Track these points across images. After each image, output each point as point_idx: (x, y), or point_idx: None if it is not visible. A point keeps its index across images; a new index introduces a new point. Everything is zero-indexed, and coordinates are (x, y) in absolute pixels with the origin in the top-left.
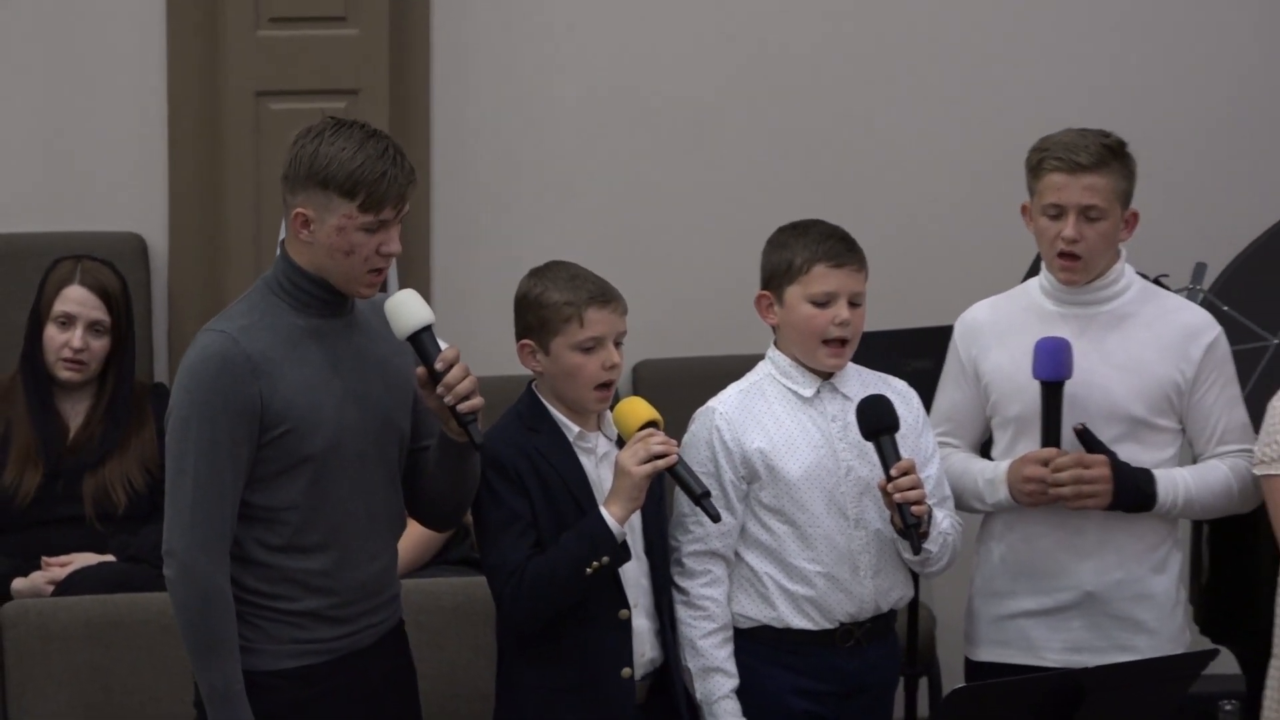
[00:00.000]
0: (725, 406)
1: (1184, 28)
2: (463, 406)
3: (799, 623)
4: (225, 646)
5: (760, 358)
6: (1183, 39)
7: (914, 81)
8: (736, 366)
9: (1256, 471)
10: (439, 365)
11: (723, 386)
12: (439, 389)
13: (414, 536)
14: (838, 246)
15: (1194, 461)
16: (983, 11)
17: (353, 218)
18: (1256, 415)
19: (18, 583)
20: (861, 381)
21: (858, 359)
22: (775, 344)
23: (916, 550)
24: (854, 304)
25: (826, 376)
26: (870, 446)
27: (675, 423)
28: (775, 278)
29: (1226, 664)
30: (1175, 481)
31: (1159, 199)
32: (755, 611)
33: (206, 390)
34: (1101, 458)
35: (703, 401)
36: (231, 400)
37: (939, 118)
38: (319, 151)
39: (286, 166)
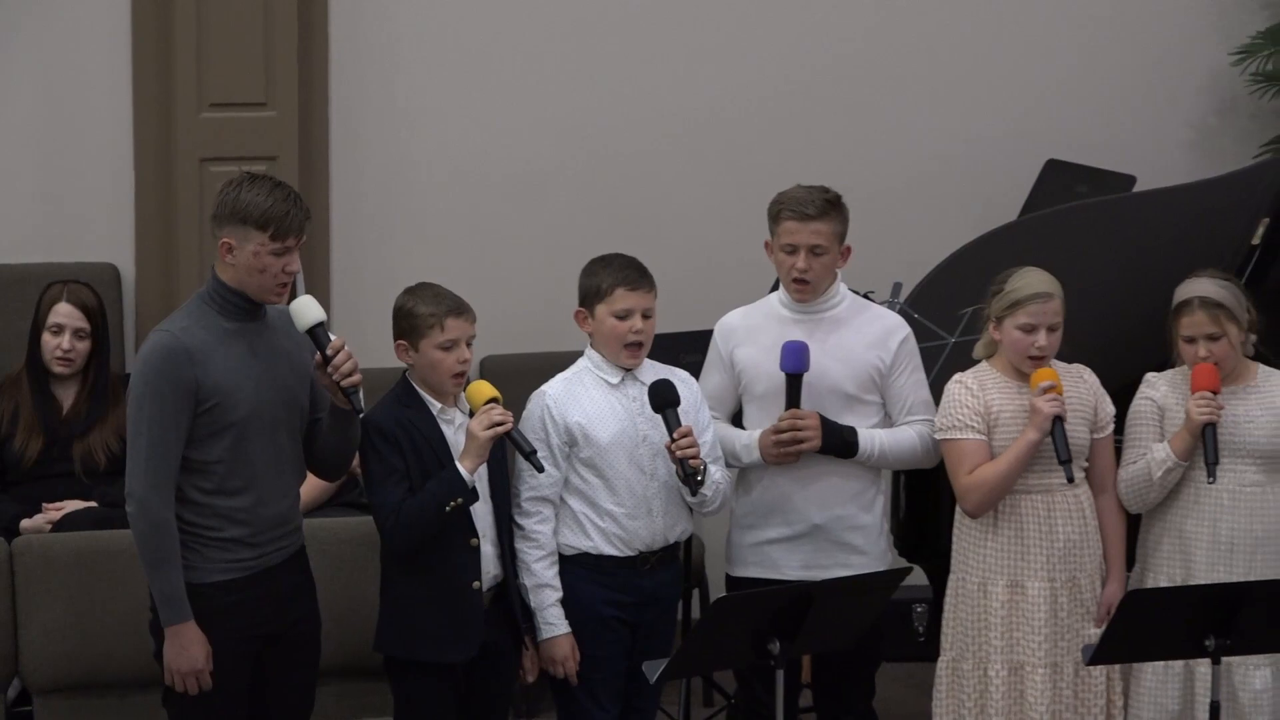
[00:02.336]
0: (553, 390)
1: (893, 106)
2: (346, 382)
3: (609, 550)
4: (170, 563)
5: (578, 354)
6: (886, 115)
7: (683, 158)
8: (560, 360)
9: (936, 436)
10: (330, 352)
11: (550, 375)
12: (329, 369)
13: (314, 485)
14: (633, 274)
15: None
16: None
17: (264, 245)
18: (938, 395)
19: (25, 523)
20: (654, 371)
21: (650, 354)
22: (590, 346)
23: (694, 494)
24: (646, 316)
25: (628, 369)
26: (659, 418)
27: (515, 402)
28: (588, 298)
29: (919, 577)
30: (873, 437)
31: (868, 236)
32: (576, 542)
33: (155, 374)
34: (814, 412)
35: (535, 387)
36: (174, 382)
37: (707, 183)
38: (239, 197)
39: (215, 208)
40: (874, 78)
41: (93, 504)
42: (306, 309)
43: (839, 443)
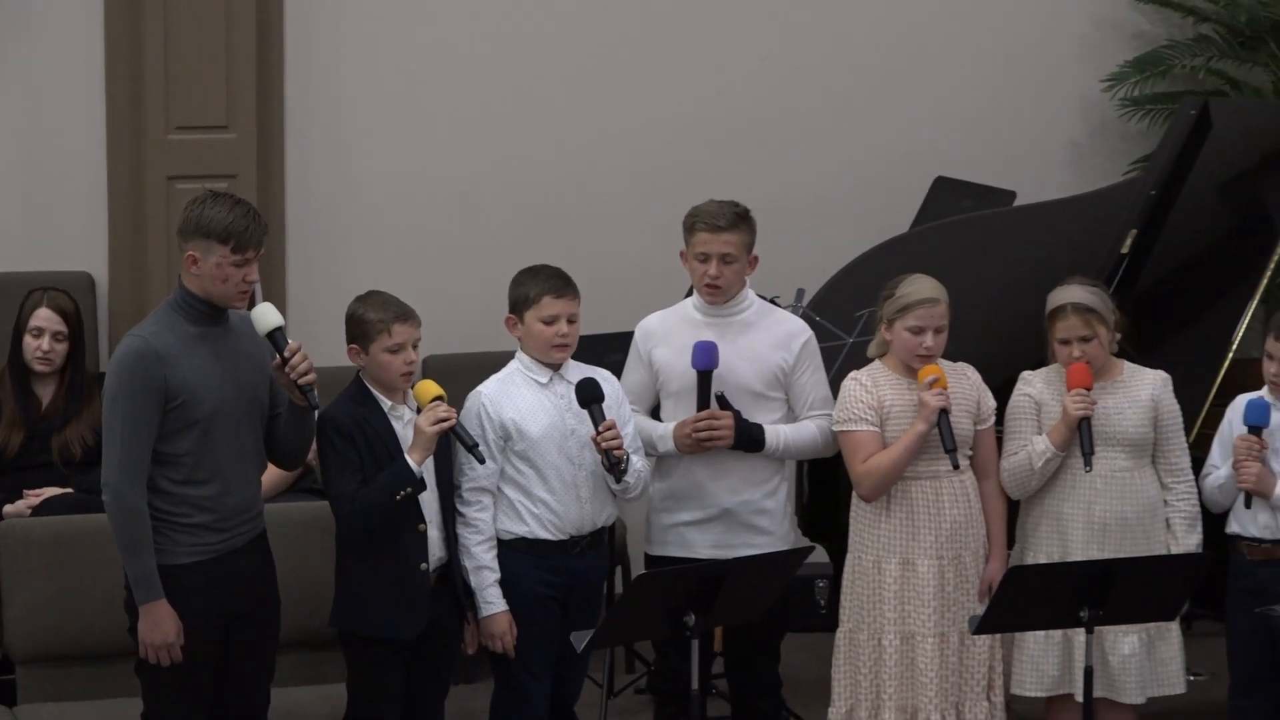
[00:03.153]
0: (488, 390)
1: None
2: (302, 380)
3: (543, 535)
4: (143, 546)
5: (512, 354)
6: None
7: (605, 177)
8: (495, 359)
9: (834, 429)
10: (287, 354)
11: (486, 374)
12: (287, 369)
13: (274, 475)
14: (559, 283)
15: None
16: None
17: (226, 257)
18: (838, 391)
19: (7, 508)
20: (580, 371)
21: (576, 355)
22: (520, 348)
23: (618, 481)
24: (570, 321)
25: (556, 368)
26: (586, 413)
27: (455, 397)
28: (517, 306)
29: (820, 556)
30: (778, 432)
31: (774, 247)
32: (513, 528)
33: (129, 375)
34: (729, 413)
35: (473, 384)
36: (145, 382)
37: (627, 199)
38: (203, 213)
39: (180, 224)
40: (779, 103)
41: (69, 490)
42: (266, 315)
43: (748, 440)
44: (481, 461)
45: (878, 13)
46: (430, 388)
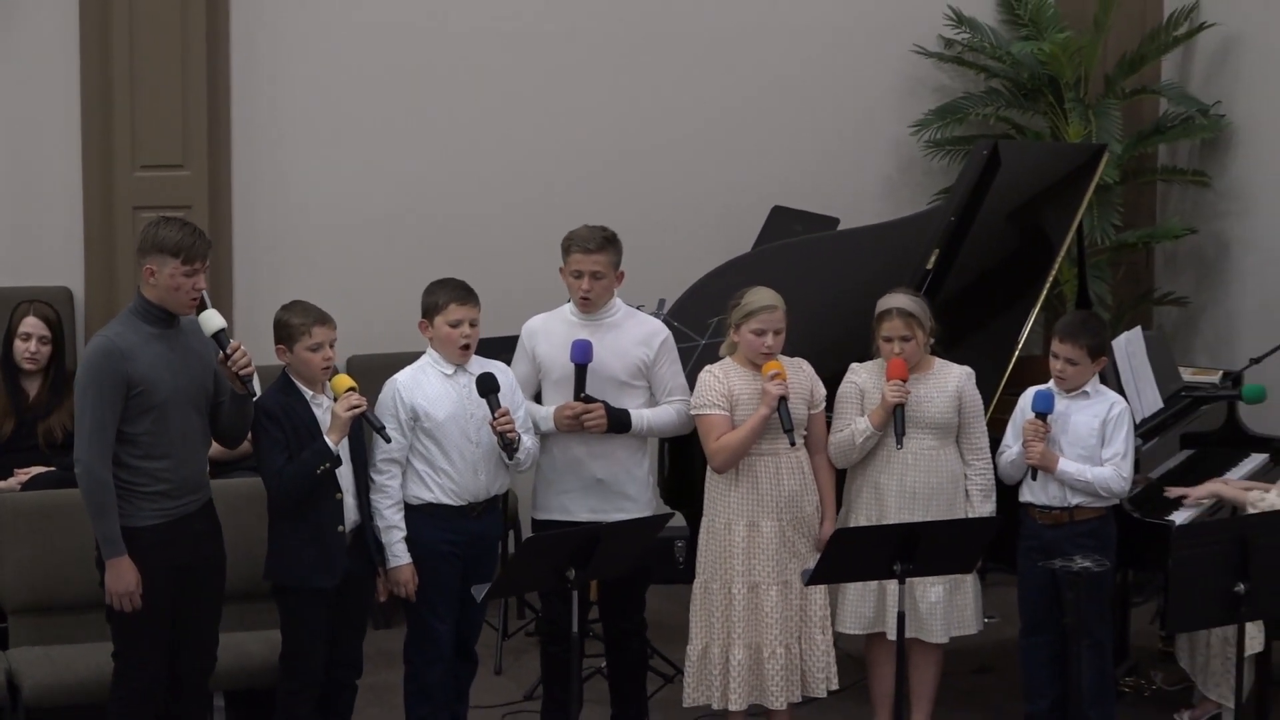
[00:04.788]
0: (402, 378)
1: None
2: (243, 373)
3: (446, 501)
4: (109, 511)
5: (422, 353)
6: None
7: (498, 205)
8: (407, 359)
9: (691, 413)
10: (230, 350)
11: (398, 369)
12: (230, 363)
13: (219, 453)
14: (463, 292)
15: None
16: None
17: (178, 269)
18: (693, 382)
19: (0, 484)
20: (480, 365)
21: (476, 351)
22: (430, 347)
23: (511, 458)
24: (473, 324)
25: (460, 363)
26: (484, 401)
27: (374, 390)
28: (429, 311)
29: (679, 520)
30: (642, 415)
31: (639, 262)
32: (421, 494)
33: (96, 369)
34: (599, 403)
35: (387, 377)
36: (110, 374)
37: (516, 223)
38: (157, 233)
39: (139, 243)
40: (644, 139)
41: (53, 469)
42: (211, 319)
43: (617, 423)
44: (388, 441)
45: (728, 68)
46: (345, 380)
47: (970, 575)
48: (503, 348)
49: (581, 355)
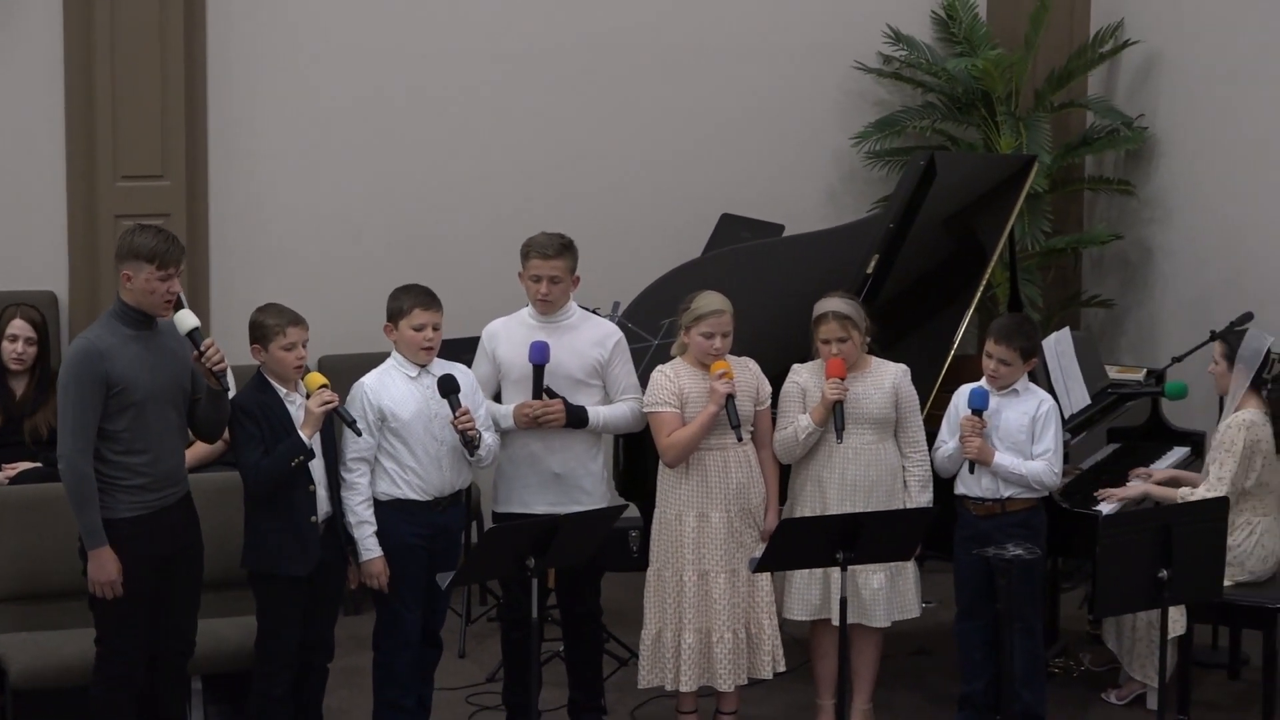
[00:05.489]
0: (369, 381)
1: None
2: (216, 369)
3: (412, 496)
4: (91, 504)
5: (387, 356)
6: (607, 177)
7: (460, 213)
8: (375, 359)
9: (644, 410)
10: (204, 348)
11: (367, 369)
12: (204, 361)
13: (201, 448)
14: (427, 298)
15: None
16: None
17: (154, 274)
18: (645, 381)
19: None
20: (442, 367)
21: (439, 354)
22: (395, 349)
23: (472, 455)
24: (435, 328)
25: (424, 365)
26: (446, 401)
27: (345, 387)
28: (393, 316)
29: (633, 511)
30: (598, 412)
31: (595, 267)
32: (389, 490)
33: (78, 368)
34: (559, 399)
35: (359, 377)
36: (91, 374)
37: (478, 230)
38: (134, 240)
39: (117, 250)
40: (599, 150)
41: (39, 464)
42: (185, 319)
43: (575, 419)
44: (359, 435)
45: (680, 84)
46: (317, 378)
47: (910, 562)
48: (464, 348)
49: (540, 356)
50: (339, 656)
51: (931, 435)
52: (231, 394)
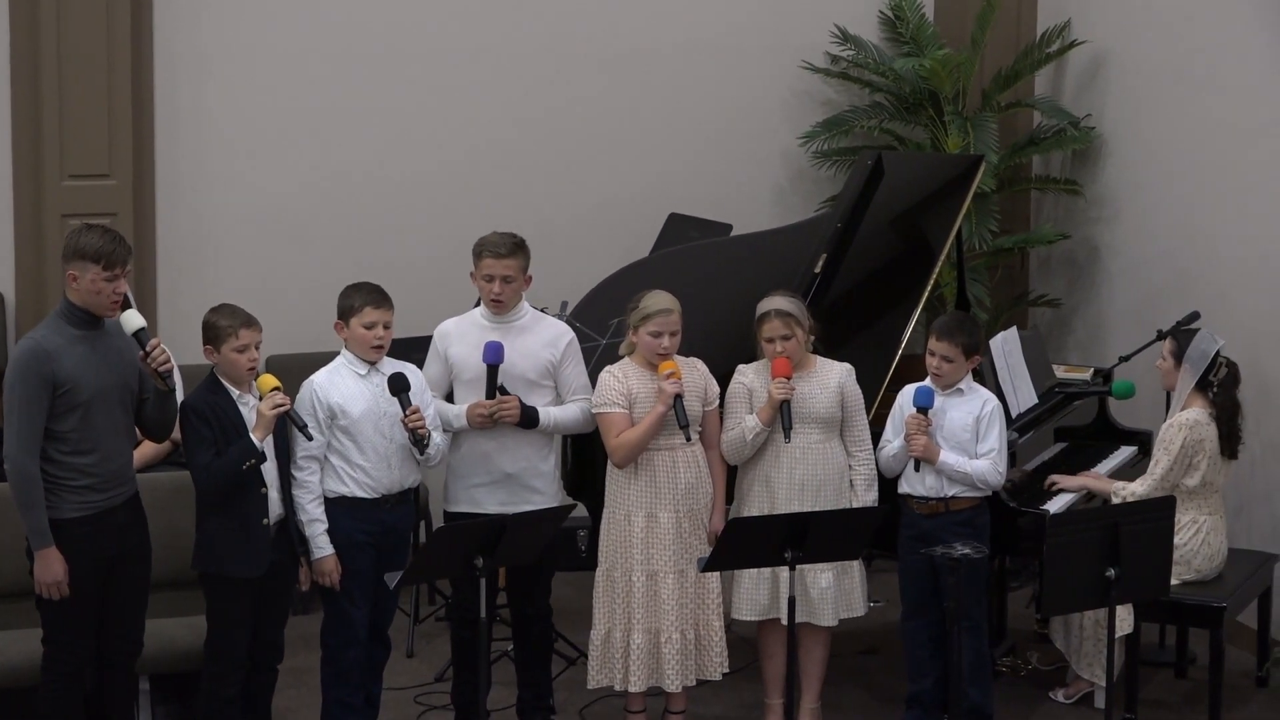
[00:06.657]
0: (319, 379)
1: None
2: (162, 369)
3: (361, 494)
4: (37, 504)
5: (337, 353)
6: (556, 177)
7: (413, 210)
8: (324, 358)
9: (593, 411)
10: (150, 348)
11: (317, 368)
12: (149, 361)
13: (148, 449)
14: (377, 296)
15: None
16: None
17: (99, 275)
18: (595, 381)
19: None
20: (392, 365)
21: (388, 354)
22: (345, 347)
23: (421, 453)
24: (386, 326)
25: (373, 363)
26: (396, 399)
27: (293, 387)
28: (344, 313)
29: (582, 511)
30: (549, 413)
31: (545, 267)
32: (337, 488)
33: (24, 369)
34: (514, 396)
35: (307, 376)
36: (37, 374)
37: (430, 229)
38: (79, 240)
39: (63, 250)
40: (549, 150)
41: None
42: (131, 319)
43: (526, 419)
44: (310, 439)
45: (628, 83)
46: (270, 380)
47: (856, 561)
48: (414, 348)
49: (494, 356)
50: (287, 656)
51: (877, 435)
52: (179, 394)
